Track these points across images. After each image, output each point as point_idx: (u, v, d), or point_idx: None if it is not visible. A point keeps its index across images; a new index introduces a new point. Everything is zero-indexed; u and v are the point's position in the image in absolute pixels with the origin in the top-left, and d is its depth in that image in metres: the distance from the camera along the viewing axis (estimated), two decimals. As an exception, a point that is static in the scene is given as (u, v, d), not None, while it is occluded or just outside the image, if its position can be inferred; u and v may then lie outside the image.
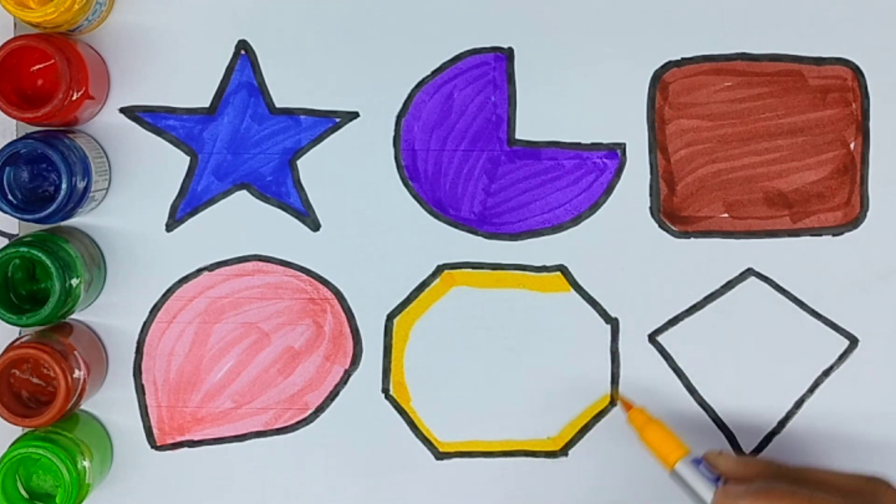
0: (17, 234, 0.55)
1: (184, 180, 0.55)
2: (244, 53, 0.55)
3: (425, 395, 0.55)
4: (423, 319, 0.55)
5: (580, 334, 0.55)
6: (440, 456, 0.56)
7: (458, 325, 0.55)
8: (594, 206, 0.55)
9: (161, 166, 0.55)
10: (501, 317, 0.55)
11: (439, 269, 0.55)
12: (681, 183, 0.55)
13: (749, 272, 0.55)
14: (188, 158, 0.55)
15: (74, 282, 0.51)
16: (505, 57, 0.55)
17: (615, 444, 0.55)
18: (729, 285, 0.55)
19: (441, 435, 0.56)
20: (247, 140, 0.55)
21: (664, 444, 0.51)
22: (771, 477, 0.48)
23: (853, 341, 0.55)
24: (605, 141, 0.55)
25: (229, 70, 0.55)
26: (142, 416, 0.56)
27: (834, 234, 0.55)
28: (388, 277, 0.55)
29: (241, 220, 0.55)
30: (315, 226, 0.55)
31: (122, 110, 0.55)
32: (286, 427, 0.56)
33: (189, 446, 0.56)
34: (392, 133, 0.55)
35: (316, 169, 0.55)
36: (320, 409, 0.56)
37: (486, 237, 0.55)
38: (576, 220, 0.55)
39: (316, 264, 0.55)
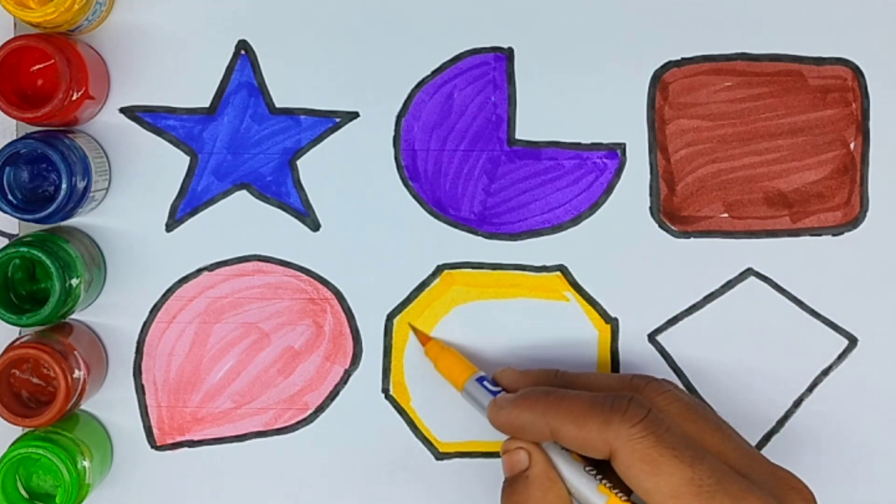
0: (17, 234, 0.55)
1: (184, 180, 0.55)
2: (244, 53, 0.55)
3: (425, 395, 0.55)
4: (422, 319, 0.55)
5: (580, 334, 0.55)
6: (440, 456, 0.56)
7: (458, 325, 0.55)
8: (594, 206, 0.55)
9: (161, 166, 0.55)
10: (501, 317, 0.55)
11: (439, 269, 0.55)
12: (681, 183, 0.55)
13: (749, 272, 0.55)
14: (188, 158, 0.55)
15: (74, 282, 0.51)
16: (505, 57, 0.55)
17: (615, 444, 0.55)
18: (729, 285, 0.55)
19: (441, 435, 0.56)
20: (247, 140, 0.55)
21: (454, 368, 0.53)
22: (539, 383, 0.50)
23: (852, 341, 0.55)
24: (605, 141, 0.55)
25: (229, 70, 0.55)
26: (142, 416, 0.56)
27: (834, 234, 0.55)
28: (388, 277, 0.55)
29: (241, 220, 0.55)
30: (315, 226, 0.55)
31: (122, 110, 0.55)
32: (286, 427, 0.56)
33: (189, 446, 0.56)
34: (392, 133, 0.55)
35: (316, 169, 0.55)
36: (320, 409, 0.56)
37: (486, 237, 0.55)
38: (576, 220, 0.55)
39: (316, 264, 0.55)
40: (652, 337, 0.55)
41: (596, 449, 0.45)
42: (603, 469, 0.46)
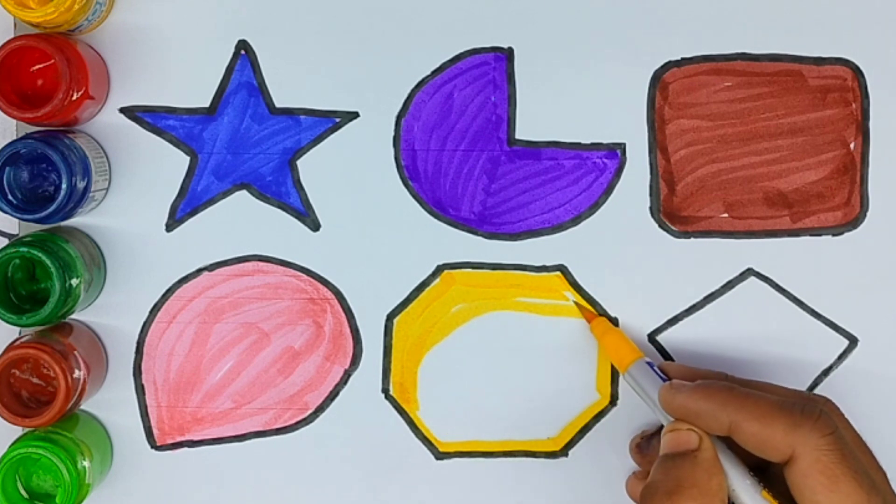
0: (17, 234, 0.55)
1: (184, 180, 0.55)
2: (244, 53, 0.55)
3: (425, 396, 0.55)
4: (422, 319, 0.55)
5: (580, 334, 0.55)
6: (440, 456, 0.56)
7: (458, 325, 0.55)
8: (594, 206, 0.55)
9: (161, 166, 0.55)
10: (502, 317, 0.55)
11: (439, 269, 0.55)
12: (681, 183, 0.55)
13: (749, 272, 0.55)
14: (188, 158, 0.55)
15: (74, 282, 0.51)
16: (505, 57, 0.55)
17: (615, 444, 0.55)
18: (729, 285, 0.55)
19: (441, 435, 0.56)
20: (247, 140, 0.55)
21: (620, 349, 0.52)
22: (716, 379, 0.50)
23: (853, 341, 0.55)
24: (605, 141, 0.55)
25: (229, 70, 0.55)
26: (142, 416, 0.56)
27: (834, 234, 0.55)
28: (388, 277, 0.55)
29: (241, 220, 0.55)
30: (315, 226, 0.55)
31: (122, 110, 0.55)
32: (286, 427, 0.56)
33: (189, 446, 0.56)
34: (392, 133, 0.55)
35: (316, 169, 0.55)
36: (320, 409, 0.56)
37: (485, 237, 0.55)
38: (576, 220, 0.55)
39: (316, 264, 0.55)
40: (652, 337, 0.55)
41: (776, 450, 0.44)
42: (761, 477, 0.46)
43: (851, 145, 0.55)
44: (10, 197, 0.52)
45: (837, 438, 0.44)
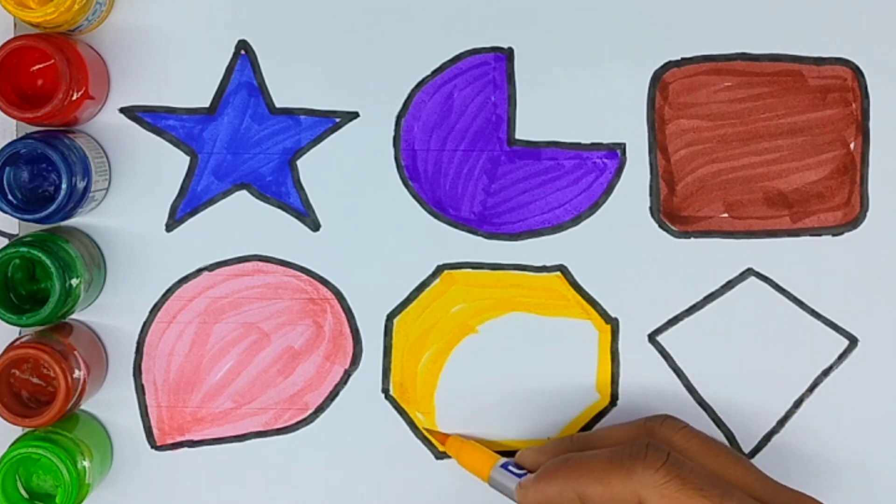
0: (17, 234, 0.55)
1: (184, 180, 0.55)
2: (244, 53, 0.55)
3: (425, 395, 0.55)
4: (422, 319, 0.55)
5: (580, 334, 0.55)
6: (440, 456, 0.56)
7: (458, 325, 0.55)
8: (594, 206, 0.55)
9: (161, 166, 0.55)
10: (501, 317, 0.55)
11: (439, 269, 0.55)
12: (681, 183, 0.55)
13: (749, 272, 0.55)
14: (188, 158, 0.55)
15: (74, 282, 0.51)
16: (505, 57, 0.55)
17: (615, 444, 0.55)
18: (729, 285, 0.55)
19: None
20: (247, 140, 0.55)
21: (477, 460, 0.53)
22: (558, 454, 0.50)
23: (853, 341, 0.55)
24: (605, 141, 0.55)
25: (229, 70, 0.55)
26: (142, 416, 0.56)
27: (834, 234, 0.55)
28: (388, 277, 0.55)
29: (241, 220, 0.55)
30: (315, 226, 0.55)
31: (122, 110, 0.55)
32: (286, 427, 0.56)
33: (189, 446, 0.56)
34: (392, 133, 0.55)
35: (316, 169, 0.55)
36: (320, 409, 0.56)
37: (485, 237, 0.55)
38: (576, 220, 0.55)
39: (316, 264, 0.55)
40: (652, 337, 0.55)
41: (626, 502, 0.45)
42: None
43: (851, 145, 0.55)
44: (10, 197, 0.52)
45: (671, 465, 0.44)
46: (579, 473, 0.46)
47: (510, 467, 0.52)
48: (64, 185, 0.51)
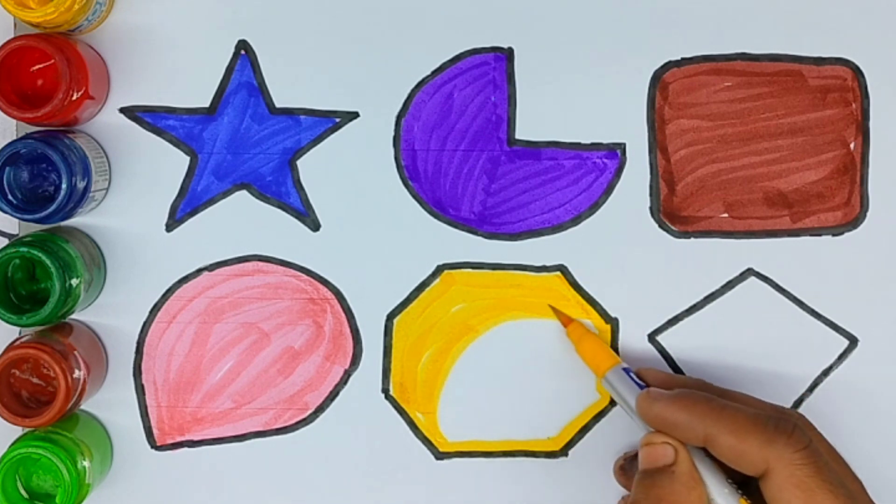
0: (17, 234, 0.55)
1: (184, 180, 0.55)
2: (244, 53, 0.55)
3: (425, 395, 0.56)
4: (422, 319, 0.55)
5: (580, 334, 0.55)
6: (440, 456, 0.56)
7: (458, 326, 0.55)
8: (594, 206, 0.55)
9: (161, 166, 0.55)
10: (501, 317, 0.55)
11: (439, 269, 0.55)
12: (681, 183, 0.55)
13: (749, 272, 0.55)
14: (188, 158, 0.55)
15: (74, 282, 0.51)
16: (505, 57, 0.55)
17: (615, 444, 0.55)
18: (729, 285, 0.55)
19: (442, 434, 0.56)
20: (247, 140, 0.55)
21: (597, 355, 0.52)
22: (693, 388, 0.50)
23: (853, 341, 0.55)
24: (605, 141, 0.55)
25: (229, 70, 0.55)
26: (142, 416, 0.56)
27: (834, 234, 0.55)
28: (388, 277, 0.55)
29: (241, 220, 0.55)
30: (315, 226, 0.55)
31: (122, 110, 0.55)
32: (286, 427, 0.56)
33: (189, 446, 0.56)
34: (392, 133, 0.55)
35: (316, 169, 0.55)
36: (320, 409, 0.56)
37: (485, 237, 0.55)
38: (576, 220, 0.55)
39: (316, 264, 0.55)
40: (652, 337, 0.55)
41: (751, 464, 0.45)
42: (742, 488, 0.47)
43: (851, 145, 0.55)
44: (10, 197, 0.52)
45: (812, 452, 0.45)
46: (718, 417, 0.46)
47: (632, 374, 0.51)
48: (64, 185, 0.51)
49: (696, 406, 0.47)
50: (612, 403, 0.55)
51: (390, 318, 0.56)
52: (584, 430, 0.55)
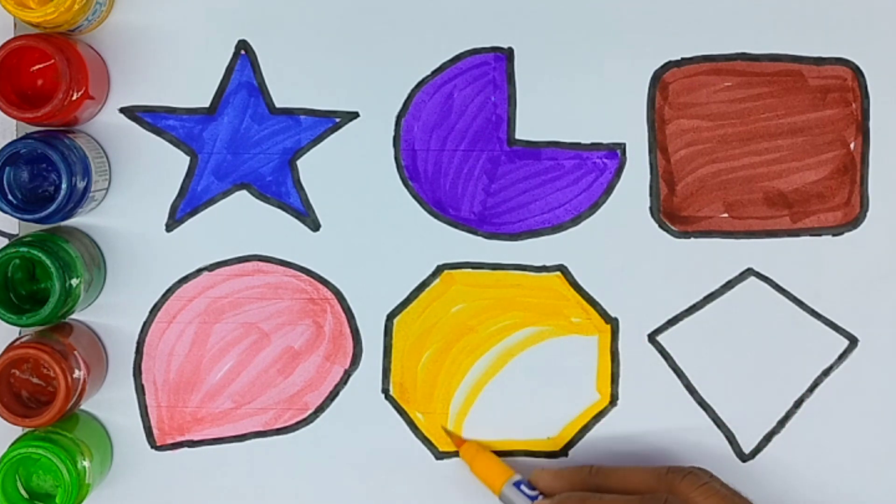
0: (17, 234, 0.55)
1: (184, 180, 0.55)
2: (244, 53, 0.55)
3: (425, 395, 0.56)
4: (422, 319, 0.55)
5: (580, 335, 0.55)
6: (440, 456, 0.56)
7: (458, 325, 0.55)
8: (594, 206, 0.55)
9: (161, 166, 0.55)
10: (501, 317, 0.55)
11: (439, 269, 0.55)
12: (681, 183, 0.55)
13: (749, 272, 0.55)
14: (188, 158, 0.55)
15: (74, 282, 0.51)
16: (505, 57, 0.55)
17: (615, 444, 0.55)
18: (729, 285, 0.55)
19: (441, 435, 0.56)
20: (247, 140, 0.55)
21: (490, 471, 0.53)
22: (575, 486, 0.51)
23: (853, 341, 0.55)
24: (605, 141, 0.55)
25: (229, 70, 0.55)
26: (142, 416, 0.56)
27: (834, 234, 0.55)
28: (388, 277, 0.55)
29: (241, 220, 0.55)
30: (315, 226, 0.55)
31: (122, 110, 0.55)
32: (286, 427, 0.56)
33: (189, 446, 0.56)
34: (392, 133, 0.55)
35: (316, 169, 0.55)
36: (320, 409, 0.56)
37: (485, 237, 0.55)
38: (576, 220, 0.55)
39: (316, 264, 0.55)
40: (652, 337, 0.55)
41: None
42: None
43: (851, 145, 0.55)
44: (10, 197, 0.52)
45: (714, 486, 0.46)
46: (604, 484, 0.47)
47: (523, 487, 0.52)
48: (64, 185, 0.51)
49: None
50: (613, 403, 0.55)
51: (390, 318, 0.56)
52: (584, 430, 0.55)
